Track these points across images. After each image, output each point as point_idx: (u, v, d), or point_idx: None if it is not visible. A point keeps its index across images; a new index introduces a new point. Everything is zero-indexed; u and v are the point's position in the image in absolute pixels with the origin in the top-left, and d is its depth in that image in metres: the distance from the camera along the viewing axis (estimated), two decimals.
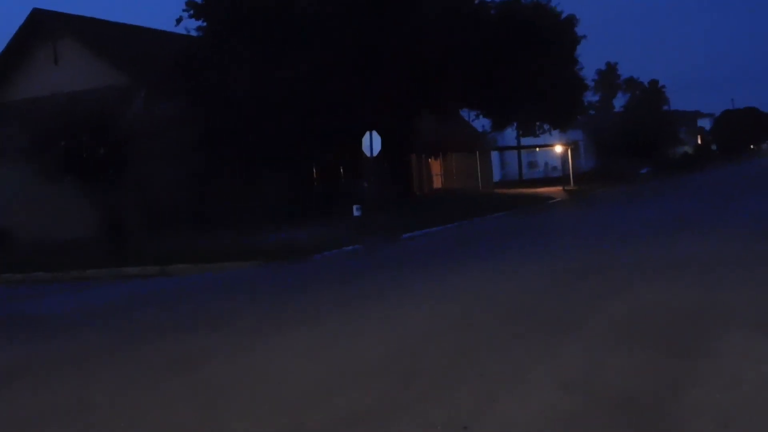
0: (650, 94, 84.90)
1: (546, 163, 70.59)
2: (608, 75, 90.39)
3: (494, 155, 59.89)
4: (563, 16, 39.54)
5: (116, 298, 15.13)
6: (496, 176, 60.24)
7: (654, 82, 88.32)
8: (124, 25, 34.78)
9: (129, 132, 24.20)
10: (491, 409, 6.03)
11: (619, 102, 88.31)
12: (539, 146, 61.59)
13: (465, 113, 49.22)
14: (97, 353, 9.44)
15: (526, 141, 61.99)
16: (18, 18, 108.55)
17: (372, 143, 24.82)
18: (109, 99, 25.25)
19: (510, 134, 60.63)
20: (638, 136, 56.68)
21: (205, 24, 30.30)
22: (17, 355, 9.94)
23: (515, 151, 65.47)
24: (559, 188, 45.70)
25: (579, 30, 40.75)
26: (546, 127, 50.74)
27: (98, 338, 10.54)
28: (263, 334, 9.67)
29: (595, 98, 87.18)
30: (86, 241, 24.29)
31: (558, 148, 54.02)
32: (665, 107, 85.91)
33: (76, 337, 10.87)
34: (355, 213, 22.95)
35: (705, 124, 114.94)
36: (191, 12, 30.11)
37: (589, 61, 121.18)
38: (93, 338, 10.59)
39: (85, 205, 25.24)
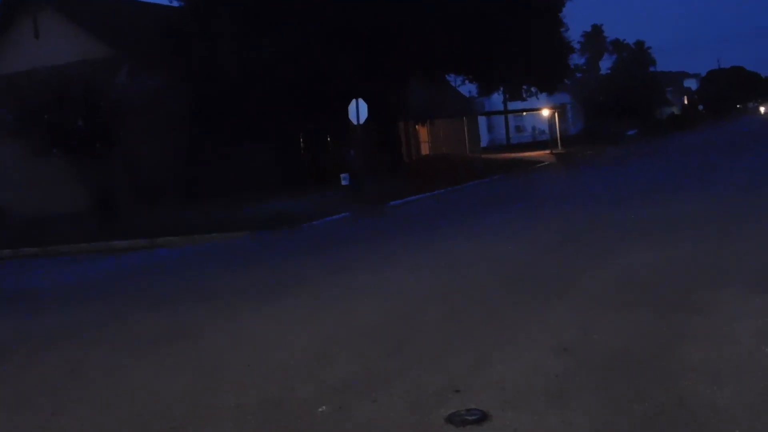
0: (637, 56, 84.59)
1: (533, 127, 70.44)
2: (594, 37, 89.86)
3: (481, 120, 59.77)
4: None
5: (106, 271, 15.09)
6: (484, 141, 60.12)
7: (640, 44, 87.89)
8: None
9: (115, 105, 24.02)
10: (484, 372, 6.06)
11: (605, 64, 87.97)
12: (526, 110, 61.42)
13: (451, 79, 48.97)
14: (88, 326, 9.43)
15: (513, 105, 61.80)
16: None
17: (358, 111, 24.67)
18: (93, 72, 24.99)
19: (497, 99, 60.42)
20: (625, 98, 56.70)
21: None
22: (9, 329, 9.93)
23: (502, 116, 65.34)
24: (547, 152, 45.73)
25: None
26: (533, 90, 50.55)
27: (89, 311, 10.53)
28: (254, 304, 9.67)
29: (582, 61, 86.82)
30: (76, 216, 24.21)
31: (545, 112, 53.94)
32: (652, 68, 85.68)
33: (67, 310, 10.85)
34: (343, 182, 22.84)
35: (691, 84, 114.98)
36: None
37: (575, 23, 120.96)
38: (84, 311, 10.58)
39: (75, 180, 25.11)
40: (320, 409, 5.50)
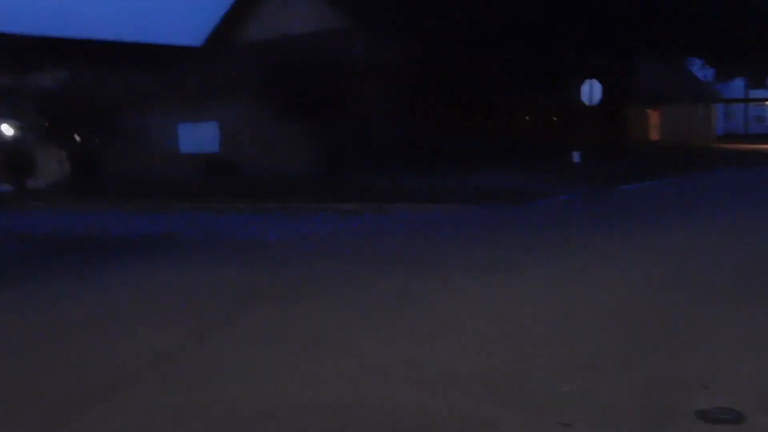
0: None
1: None
2: None
3: (718, 107, 56.48)
4: None
5: (338, 230, 15.67)
6: (719, 130, 56.81)
7: None
8: None
9: (349, 73, 24.87)
10: (732, 370, 5.76)
11: None
12: None
13: (687, 62, 46.63)
14: (324, 283, 9.83)
15: (754, 93, 57.93)
16: None
17: (592, 92, 24.12)
18: (332, 41, 25.98)
19: (737, 85, 56.82)
20: None
21: None
22: (253, 278, 10.53)
23: (742, 104, 61.41)
24: None
25: None
26: None
27: (325, 268, 10.96)
28: (480, 274, 9.70)
29: None
30: (307, 176, 25.37)
31: None
32: None
33: (303, 265, 11.38)
34: (575, 160, 22.48)
35: None
36: None
37: None
38: (320, 268, 11.04)
39: (308, 142, 26.26)
40: (564, 389, 5.45)
